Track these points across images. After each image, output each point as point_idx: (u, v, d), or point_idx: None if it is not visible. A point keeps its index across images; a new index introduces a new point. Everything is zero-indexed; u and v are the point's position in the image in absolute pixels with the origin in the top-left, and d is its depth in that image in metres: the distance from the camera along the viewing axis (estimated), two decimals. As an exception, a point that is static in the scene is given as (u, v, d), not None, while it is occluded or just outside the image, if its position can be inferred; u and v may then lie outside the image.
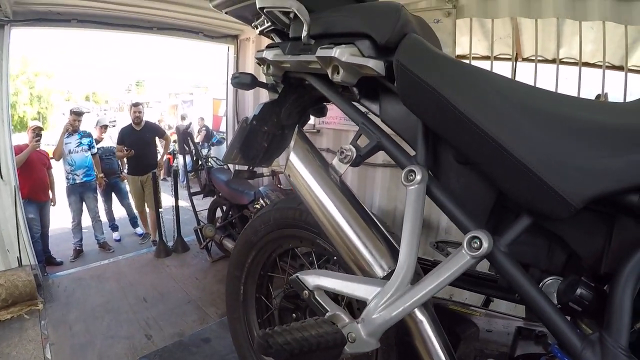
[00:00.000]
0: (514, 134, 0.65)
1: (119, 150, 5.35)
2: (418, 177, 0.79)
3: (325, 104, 1.35)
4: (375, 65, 0.84)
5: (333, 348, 0.70)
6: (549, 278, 0.81)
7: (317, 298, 0.84)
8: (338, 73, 0.89)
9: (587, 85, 3.30)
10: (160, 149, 5.84)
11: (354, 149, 0.93)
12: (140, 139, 5.31)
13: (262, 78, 1.25)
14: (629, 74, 3.07)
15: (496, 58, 3.48)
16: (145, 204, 5.56)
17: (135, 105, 5.46)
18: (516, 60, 3.59)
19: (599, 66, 3.13)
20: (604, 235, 0.71)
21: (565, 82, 3.41)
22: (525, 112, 0.67)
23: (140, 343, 2.96)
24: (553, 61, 3.38)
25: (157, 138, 5.74)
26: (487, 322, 1.28)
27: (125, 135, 5.33)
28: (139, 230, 6.05)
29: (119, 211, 6.02)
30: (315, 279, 0.85)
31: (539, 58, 3.39)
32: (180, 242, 4.95)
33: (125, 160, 5.70)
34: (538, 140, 0.64)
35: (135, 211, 5.91)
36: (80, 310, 3.46)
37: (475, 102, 0.70)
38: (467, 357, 1.14)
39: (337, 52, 0.86)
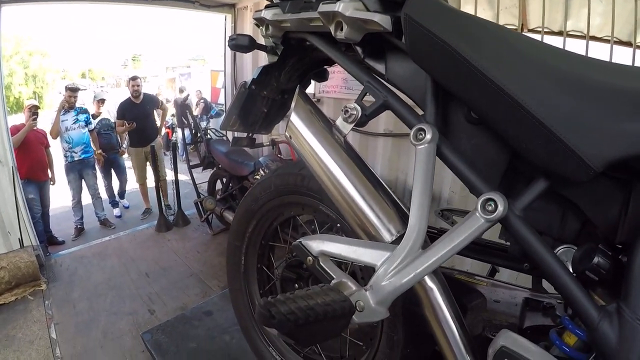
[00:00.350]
0: (532, 92, 0.61)
1: (120, 125, 5.33)
2: (428, 136, 0.75)
3: (326, 67, 1.30)
4: (382, 20, 0.79)
5: (341, 317, 0.66)
6: (563, 246, 0.78)
7: (322, 264, 0.80)
8: (342, 30, 0.85)
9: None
10: (158, 120, 5.81)
11: (359, 108, 0.87)
12: (140, 112, 5.33)
13: (262, 41, 1.20)
14: (637, 50, 3.01)
15: (501, 29, 3.40)
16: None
17: (133, 79, 5.46)
18: (522, 31, 3.50)
19: (607, 41, 3.05)
20: (620, 203, 0.67)
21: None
22: (545, 70, 0.63)
23: (143, 318, 3.00)
24: (560, 33, 3.30)
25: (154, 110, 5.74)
26: (494, 292, 1.25)
27: (126, 110, 5.32)
28: (125, 202, 6.19)
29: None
30: (320, 244, 0.80)
31: (546, 30, 3.31)
32: (180, 216, 4.96)
33: (126, 134, 5.73)
34: (558, 100, 0.60)
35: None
36: (83, 288, 3.50)
37: (491, 56, 0.65)
38: (475, 328, 1.12)
39: (340, 6, 0.81)
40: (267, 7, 1.07)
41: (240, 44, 1.18)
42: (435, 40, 0.70)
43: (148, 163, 5.57)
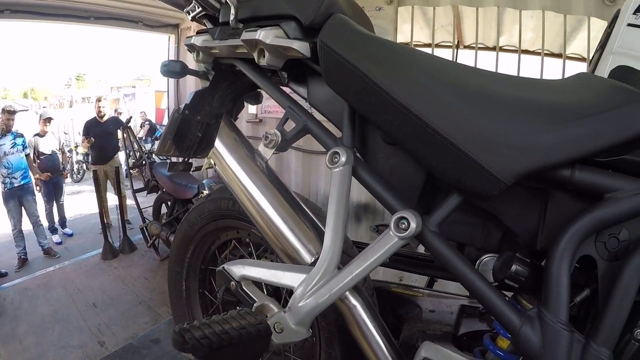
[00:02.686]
0: (439, 111, 0.64)
1: (84, 141, 5.51)
2: (342, 159, 0.78)
3: (259, 90, 1.32)
4: (300, 47, 0.81)
5: (257, 339, 0.67)
6: (486, 256, 0.82)
7: (244, 288, 0.80)
8: (264, 56, 0.87)
9: (527, 72, 3.43)
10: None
11: (279, 134, 0.90)
12: (103, 130, 5.48)
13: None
14: (567, 61, 3.23)
15: (437, 45, 3.57)
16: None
17: (99, 100, 5.67)
18: (457, 47, 3.69)
19: (538, 53, 3.26)
20: (538, 211, 0.71)
21: (506, 68, 3.54)
22: (452, 89, 0.66)
23: (93, 350, 2.88)
24: (493, 49, 3.50)
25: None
26: (430, 303, 1.29)
27: (91, 128, 5.46)
28: (68, 230, 5.96)
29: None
30: (241, 269, 0.81)
31: (480, 45, 3.49)
32: (126, 242, 4.84)
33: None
34: (464, 117, 0.63)
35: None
36: (29, 322, 3.33)
37: (398, 79, 0.69)
38: (411, 339, 1.15)
39: (261, 34, 0.83)
40: (197, 33, 1.08)
41: (172, 70, 1.18)
42: (346, 66, 0.73)
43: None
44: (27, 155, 4.99)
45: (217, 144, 1.01)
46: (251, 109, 4.27)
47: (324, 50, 0.77)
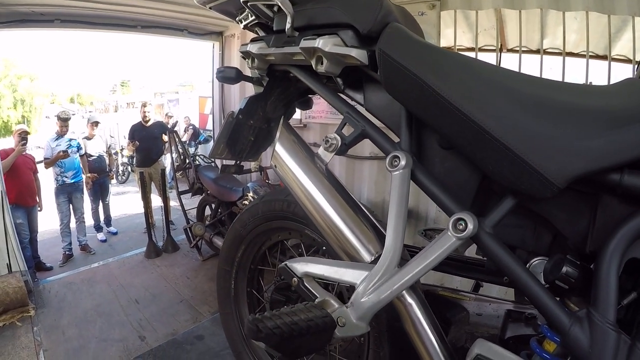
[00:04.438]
0: (496, 116, 0.66)
1: (129, 144, 5.68)
2: (402, 163, 0.80)
3: (310, 96, 1.35)
4: (359, 55, 0.85)
5: (323, 332, 0.70)
6: (536, 259, 0.83)
7: (307, 285, 0.84)
8: (322, 64, 0.90)
9: (572, 75, 3.34)
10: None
11: (338, 138, 0.93)
12: (148, 134, 5.64)
13: (248, 72, 1.25)
14: (612, 62, 3.12)
15: (481, 49, 3.51)
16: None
17: (144, 105, 5.85)
18: (501, 51, 3.62)
19: (583, 56, 3.17)
20: (588, 215, 0.72)
21: (550, 72, 3.45)
22: (507, 95, 0.68)
23: (134, 345, 2.94)
24: (537, 51, 3.42)
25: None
26: (476, 306, 1.29)
27: (136, 132, 5.65)
28: (113, 229, 6.15)
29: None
30: (304, 266, 0.85)
31: (524, 49, 3.43)
32: (170, 242, 4.93)
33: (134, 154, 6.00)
34: (519, 122, 0.65)
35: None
36: (72, 314, 3.42)
37: (457, 86, 0.71)
38: (458, 341, 1.16)
39: (320, 42, 0.87)
40: (252, 40, 1.12)
41: (227, 76, 1.23)
42: (406, 73, 0.76)
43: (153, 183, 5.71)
44: (82, 156, 5.27)
45: (278, 147, 1.05)
46: (295, 114, 4.32)
47: (383, 59, 0.80)
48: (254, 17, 1.11)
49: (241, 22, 1.17)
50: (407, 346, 0.88)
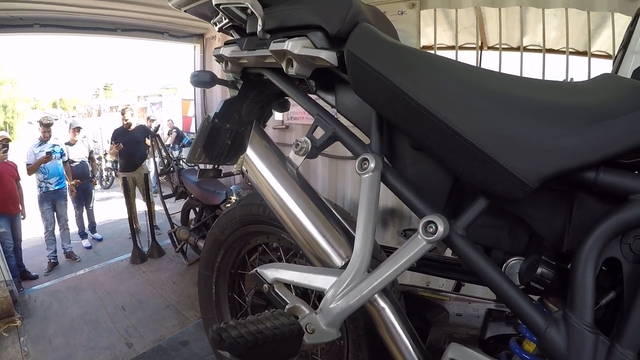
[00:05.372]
0: (465, 117, 0.65)
1: (112, 148, 5.59)
2: (372, 165, 0.80)
3: (287, 98, 1.34)
4: (328, 56, 0.83)
5: (290, 340, 0.69)
6: (512, 259, 0.83)
7: (277, 291, 0.83)
8: (292, 66, 0.89)
9: (552, 72, 3.37)
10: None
11: (309, 141, 0.93)
12: (131, 138, 5.56)
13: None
14: (592, 58, 3.16)
15: (461, 47, 3.54)
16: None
17: (123, 112, 5.77)
18: (481, 49, 3.66)
19: (563, 52, 3.19)
20: (563, 214, 0.71)
21: (531, 69, 3.49)
22: (476, 95, 0.67)
23: (121, 352, 2.93)
24: (517, 49, 3.45)
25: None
26: (457, 306, 1.29)
27: (118, 136, 5.56)
28: (98, 235, 6.12)
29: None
30: (274, 272, 0.84)
31: (504, 46, 3.45)
32: (155, 247, 4.91)
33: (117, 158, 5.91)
34: (489, 122, 0.64)
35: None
36: (58, 323, 3.40)
37: (425, 87, 0.70)
38: (438, 342, 1.15)
39: (289, 45, 0.85)
40: (226, 44, 1.11)
41: (201, 80, 1.22)
42: (374, 75, 0.75)
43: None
44: (65, 163, 5.21)
45: (249, 151, 1.04)
46: (277, 115, 4.31)
47: (351, 60, 0.79)
48: (227, 20, 1.09)
49: (216, 25, 1.15)
50: (385, 349, 0.87)
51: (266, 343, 0.65)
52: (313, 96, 1.03)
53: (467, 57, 3.59)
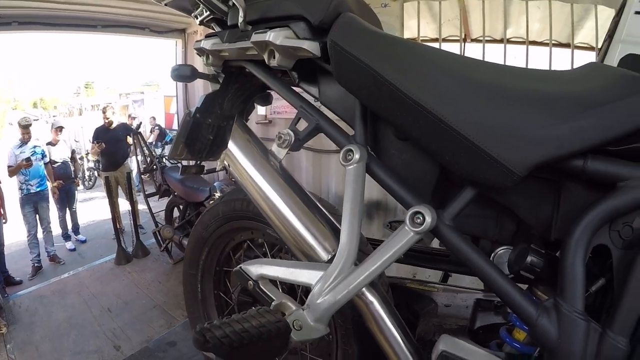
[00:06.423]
0: (451, 105, 0.64)
1: (93, 147, 5.54)
2: (356, 156, 0.78)
3: (269, 91, 1.32)
4: (310, 47, 0.82)
5: (277, 337, 0.68)
6: (501, 248, 0.82)
7: (262, 287, 0.81)
8: (274, 57, 0.87)
9: (536, 63, 3.40)
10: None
11: (292, 133, 0.91)
12: (113, 137, 5.48)
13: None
14: (575, 50, 3.19)
15: (445, 40, 3.54)
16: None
17: (104, 111, 5.70)
18: (465, 41, 3.67)
19: (546, 44, 3.23)
20: (551, 202, 0.71)
21: (514, 60, 3.51)
22: (462, 83, 0.66)
23: (109, 355, 2.91)
24: (501, 41, 3.47)
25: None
26: (445, 297, 1.29)
27: (100, 135, 5.49)
28: (81, 237, 6.02)
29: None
30: (258, 269, 0.82)
31: (487, 38, 3.47)
32: (140, 247, 4.87)
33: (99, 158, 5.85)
34: (476, 110, 0.63)
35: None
36: (45, 329, 3.37)
37: (410, 75, 0.69)
38: (427, 334, 1.15)
39: (271, 35, 0.83)
40: (206, 36, 1.09)
41: (182, 74, 1.19)
42: (358, 64, 0.73)
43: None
44: (46, 164, 5.10)
45: (231, 145, 1.02)
46: (260, 110, 4.29)
47: (334, 49, 0.77)
48: (208, 13, 1.07)
49: (197, 18, 1.13)
50: (375, 343, 0.86)
51: (252, 342, 0.63)
52: (296, 88, 1.01)
53: (451, 50, 3.57)
